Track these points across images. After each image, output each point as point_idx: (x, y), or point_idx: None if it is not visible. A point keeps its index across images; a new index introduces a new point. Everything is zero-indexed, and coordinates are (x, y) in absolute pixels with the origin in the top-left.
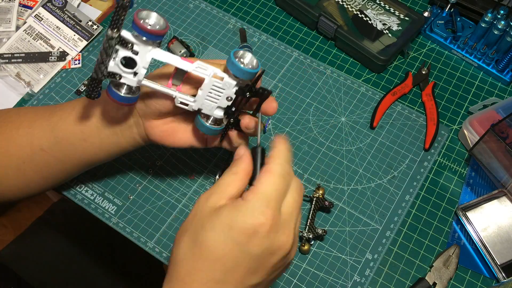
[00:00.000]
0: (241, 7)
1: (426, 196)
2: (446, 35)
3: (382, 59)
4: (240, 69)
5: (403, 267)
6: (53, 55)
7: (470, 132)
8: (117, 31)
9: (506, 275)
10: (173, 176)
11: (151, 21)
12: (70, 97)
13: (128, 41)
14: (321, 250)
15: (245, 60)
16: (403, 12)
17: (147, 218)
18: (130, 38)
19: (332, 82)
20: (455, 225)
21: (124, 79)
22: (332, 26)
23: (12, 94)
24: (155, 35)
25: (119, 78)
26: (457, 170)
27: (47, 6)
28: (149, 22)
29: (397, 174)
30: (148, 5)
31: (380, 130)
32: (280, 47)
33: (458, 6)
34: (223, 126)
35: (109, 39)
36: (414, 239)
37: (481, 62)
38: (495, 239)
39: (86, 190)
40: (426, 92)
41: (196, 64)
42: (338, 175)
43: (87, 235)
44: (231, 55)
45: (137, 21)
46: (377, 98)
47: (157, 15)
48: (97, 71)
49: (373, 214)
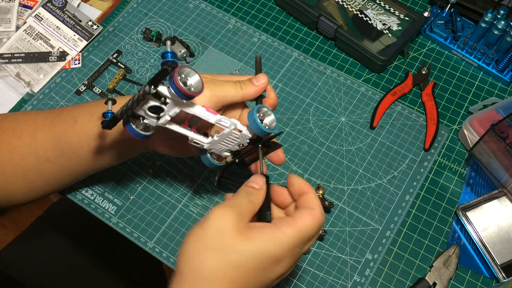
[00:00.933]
0: (241, 7)
1: (426, 196)
2: (446, 35)
3: (382, 59)
4: (259, 129)
5: (403, 267)
6: (53, 55)
7: (470, 132)
8: (154, 88)
9: (506, 275)
10: (173, 176)
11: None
12: (70, 97)
13: (162, 95)
14: (321, 250)
15: (267, 120)
16: (403, 12)
17: (147, 218)
18: (164, 93)
19: (332, 82)
20: (455, 225)
21: (146, 120)
22: (332, 26)
23: (12, 94)
24: (189, 97)
25: (142, 120)
26: (457, 170)
27: (47, 6)
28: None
29: (397, 174)
30: (148, 5)
31: (380, 130)
32: (280, 47)
33: (458, 6)
34: (225, 162)
35: (145, 94)
36: (414, 239)
37: (481, 62)
38: (495, 239)
39: (86, 190)
40: (426, 92)
41: (218, 117)
42: (338, 175)
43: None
44: (254, 112)
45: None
46: (377, 98)
47: (198, 78)
48: (123, 114)
49: (373, 214)
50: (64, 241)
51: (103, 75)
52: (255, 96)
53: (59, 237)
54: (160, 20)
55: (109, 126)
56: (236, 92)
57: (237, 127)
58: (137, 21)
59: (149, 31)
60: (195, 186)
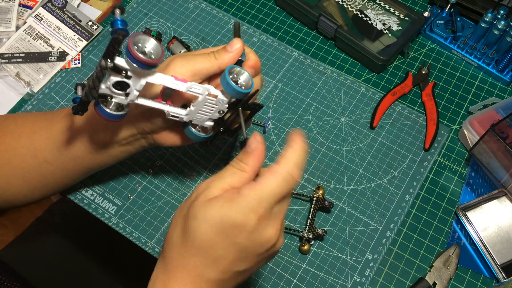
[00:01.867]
0: (241, 7)
1: (426, 196)
2: (446, 35)
3: (382, 59)
4: (234, 90)
5: (403, 267)
6: (53, 55)
7: (470, 132)
8: (111, 61)
9: (506, 275)
10: (173, 176)
11: (147, 48)
12: (70, 97)
13: (121, 68)
14: (321, 250)
15: (241, 79)
16: (403, 12)
17: (147, 218)
18: (124, 65)
19: (332, 82)
20: (455, 225)
21: (115, 99)
22: (332, 26)
23: (12, 94)
24: (149, 65)
25: (110, 99)
26: (457, 170)
27: (47, 6)
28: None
29: (397, 174)
30: (148, 5)
31: (380, 130)
32: (280, 47)
33: (458, 6)
34: (211, 133)
35: (102, 69)
36: (414, 239)
37: (481, 62)
38: (495, 239)
39: (86, 190)
40: (426, 92)
41: (189, 85)
42: (338, 175)
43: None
44: (226, 73)
45: (132, 50)
46: (377, 98)
47: (155, 42)
48: (88, 95)
49: (373, 214)
50: (64, 241)
51: None
52: (232, 63)
53: (59, 237)
54: (160, 20)
55: (79, 111)
56: (211, 63)
57: (210, 92)
58: (137, 21)
59: (149, 31)
60: (195, 186)
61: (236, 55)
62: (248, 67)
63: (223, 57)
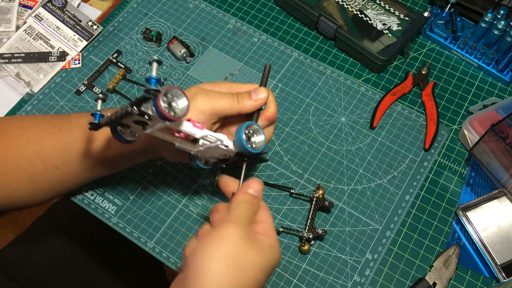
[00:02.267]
0: (241, 7)
1: (426, 196)
2: (446, 35)
3: (382, 59)
4: (245, 148)
5: (403, 267)
6: (53, 55)
7: (470, 132)
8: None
9: (506, 275)
10: (173, 176)
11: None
12: (70, 97)
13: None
14: (321, 250)
15: (255, 138)
16: (403, 12)
17: (147, 218)
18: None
19: (332, 82)
20: (455, 225)
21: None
22: (332, 26)
23: (12, 94)
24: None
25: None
26: (457, 170)
27: (47, 6)
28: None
29: (397, 174)
30: (148, 5)
31: (380, 130)
32: (280, 47)
33: (458, 6)
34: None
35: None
36: (414, 239)
37: (481, 62)
38: (495, 239)
39: (86, 190)
40: (426, 92)
41: (204, 133)
42: (338, 175)
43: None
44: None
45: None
46: (377, 98)
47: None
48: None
49: (373, 214)
50: (64, 241)
51: (103, 75)
52: (252, 110)
53: (59, 237)
54: (160, 20)
55: (96, 129)
56: (232, 106)
57: (223, 142)
58: (137, 21)
59: (149, 31)
60: (195, 186)
61: (259, 105)
62: (264, 117)
63: (246, 103)
